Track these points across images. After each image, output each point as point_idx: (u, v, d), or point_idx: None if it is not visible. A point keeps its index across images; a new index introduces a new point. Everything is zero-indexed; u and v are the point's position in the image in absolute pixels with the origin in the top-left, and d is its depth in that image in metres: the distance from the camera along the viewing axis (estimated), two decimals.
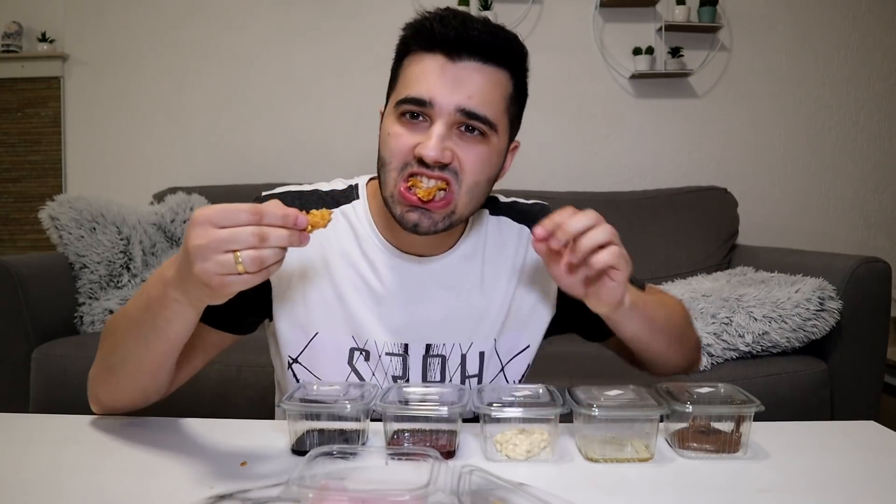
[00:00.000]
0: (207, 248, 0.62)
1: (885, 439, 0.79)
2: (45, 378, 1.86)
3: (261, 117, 2.83)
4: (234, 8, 2.81)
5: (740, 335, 1.74)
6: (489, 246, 0.93)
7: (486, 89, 0.80)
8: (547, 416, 0.71)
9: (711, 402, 0.74)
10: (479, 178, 0.82)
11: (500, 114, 0.83)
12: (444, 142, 0.79)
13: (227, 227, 0.62)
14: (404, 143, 0.80)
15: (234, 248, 0.62)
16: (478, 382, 0.91)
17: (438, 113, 0.79)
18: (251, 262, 0.62)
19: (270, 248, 0.63)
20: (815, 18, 2.82)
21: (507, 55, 0.83)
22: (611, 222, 0.83)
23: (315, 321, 0.89)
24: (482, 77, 0.80)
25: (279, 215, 0.64)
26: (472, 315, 0.91)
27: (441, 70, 0.79)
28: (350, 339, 0.89)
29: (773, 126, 2.85)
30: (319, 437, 0.72)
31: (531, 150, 2.85)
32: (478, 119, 0.80)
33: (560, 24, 2.80)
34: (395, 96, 0.83)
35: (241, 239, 0.62)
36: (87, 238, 2.10)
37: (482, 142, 0.81)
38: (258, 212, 0.63)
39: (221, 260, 0.62)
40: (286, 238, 0.64)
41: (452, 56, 0.79)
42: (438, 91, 0.79)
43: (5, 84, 2.84)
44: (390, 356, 0.89)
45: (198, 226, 0.63)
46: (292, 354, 0.90)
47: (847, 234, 2.87)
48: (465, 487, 0.58)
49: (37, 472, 0.69)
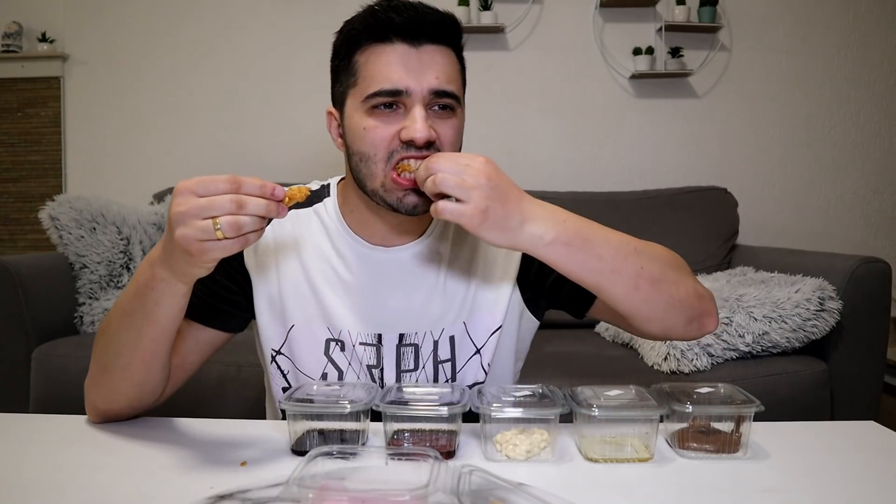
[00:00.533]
0: (187, 215, 0.65)
1: (885, 439, 0.79)
2: (45, 378, 1.86)
3: (261, 117, 2.83)
4: (233, 8, 2.81)
5: (740, 335, 1.74)
6: (454, 232, 0.96)
7: (448, 68, 0.85)
8: (547, 416, 0.71)
9: (711, 402, 0.74)
10: (457, 148, 0.88)
11: (460, 88, 0.89)
12: (427, 121, 0.83)
13: (207, 195, 0.65)
14: (386, 133, 0.83)
15: (214, 215, 0.65)
16: (451, 367, 0.93)
17: (414, 99, 0.82)
18: (229, 228, 0.65)
19: (248, 216, 0.66)
20: (815, 18, 2.82)
21: (454, 35, 0.88)
22: (611, 222, 0.82)
23: (291, 314, 0.92)
24: (442, 57, 0.85)
25: (257, 185, 0.67)
26: (441, 301, 0.93)
27: (406, 58, 0.83)
28: (325, 331, 0.92)
29: (773, 126, 2.85)
30: (319, 438, 0.72)
31: (531, 149, 2.86)
32: (447, 96, 0.84)
33: (560, 24, 2.80)
34: (360, 92, 0.84)
35: (219, 206, 0.65)
36: (87, 238, 2.10)
37: (453, 116, 0.87)
38: (236, 181, 0.66)
39: (201, 225, 0.65)
40: (264, 207, 0.67)
41: (413, 43, 0.83)
42: (410, 78, 0.82)
43: (5, 84, 2.84)
44: (364, 346, 0.92)
45: (179, 195, 0.66)
46: (275, 347, 0.94)
47: (847, 234, 2.87)
48: (465, 487, 0.58)
49: (37, 472, 0.69)
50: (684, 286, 0.84)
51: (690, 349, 1.73)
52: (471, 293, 0.93)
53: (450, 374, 0.93)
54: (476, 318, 0.93)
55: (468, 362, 0.93)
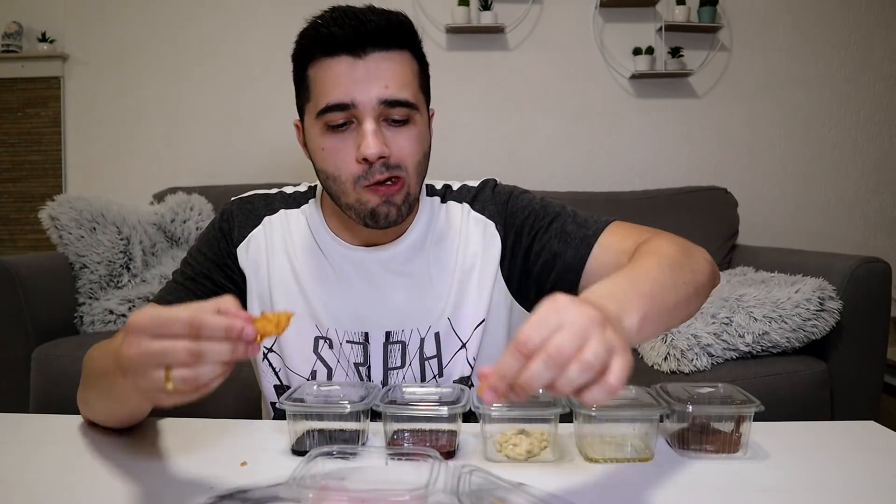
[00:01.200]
0: (138, 361, 0.55)
1: (885, 439, 0.79)
2: (45, 378, 1.86)
3: (261, 117, 2.83)
4: (234, 8, 2.81)
5: (740, 335, 1.74)
6: (438, 230, 0.96)
7: (399, 74, 0.82)
8: (547, 416, 0.71)
9: (711, 402, 0.74)
10: (419, 158, 0.86)
11: (417, 91, 0.85)
12: (379, 136, 0.81)
13: (162, 337, 0.55)
14: (346, 156, 0.82)
15: (167, 364, 0.55)
16: (438, 364, 0.93)
17: (363, 112, 0.81)
18: (182, 382, 0.54)
19: (209, 366, 0.55)
20: (815, 18, 2.82)
21: (404, 36, 0.84)
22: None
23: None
24: (391, 64, 0.82)
25: (221, 327, 0.55)
26: (425, 298, 0.93)
27: (351, 70, 0.80)
28: (314, 328, 0.93)
29: (773, 126, 2.85)
30: (319, 438, 0.72)
31: (531, 150, 2.86)
32: (401, 105, 0.82)
33: (560, 24, 2.80)
34: (313, 108, 0.84)
35: (173, 355, 0.54)
36: (87, 238, 2.10)
37: (410, 125, 0.84)
38: (196, 324, 0.54)
39: (152, 376, 0.55)
40: (227, 353, 0.56)
41: (357, 53, 0.81)
42: (356, 90, 0.80)
43: (5, 84, 2.84)
44: (351, 344, 0.92)
45: (131, 333, 0.55)
46: (266, 345, 0.95)
47: (847, 234, 2.87)
48: (465, 487, 0.58)
49: (37, 472, 0.69)
50: (702, 273, 0.78)
51: (690, 349, 1.73)
52: (454, 289, 0.94)
53: (436, 370, 0.93)
54: (460, 313, 0.94)
55: (454, 357, 0.94)
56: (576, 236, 0.90)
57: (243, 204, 0.98)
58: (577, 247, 0.89)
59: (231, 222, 0.96)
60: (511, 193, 0.98)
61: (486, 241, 0.95)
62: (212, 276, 0.94)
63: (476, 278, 0.94)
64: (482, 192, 0.99)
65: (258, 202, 0.98)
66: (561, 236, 0.91)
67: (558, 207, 0.95)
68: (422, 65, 0.88)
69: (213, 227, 0.98)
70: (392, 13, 0.83)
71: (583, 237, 0.89)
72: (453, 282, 0.94)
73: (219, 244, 0.95)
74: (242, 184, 2.63)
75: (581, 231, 0.90)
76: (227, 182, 2.70)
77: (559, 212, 0.94)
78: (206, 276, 0.94)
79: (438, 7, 2.76)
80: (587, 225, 0.91)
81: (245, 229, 0.96)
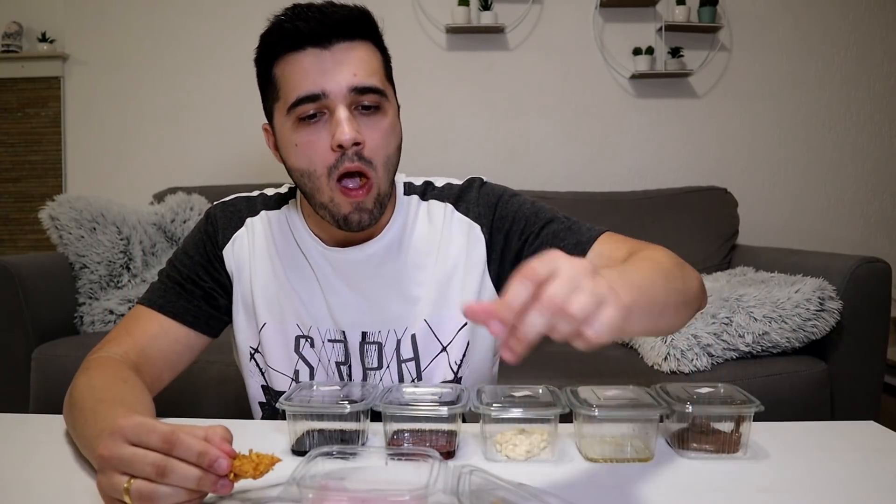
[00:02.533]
0: (107, 463, 0.55)
1: (885, 439, 0.79)
2: (45, 378, 1.86)
3: (261, 117, 2.82)
4: (234, 8, 2.81)
5: (740, 335, 1.74)
6: (417, 230, 0.95)
7: (366, 62, 0.83)
8: (547, 416, 0.71)
9: (711, 402, 0.74)
10: (390, 151, 0.85)
11: (384, 80, 0.86)
12: (353, 123, 0.81)
13: (138, 445, 0.55)
14: (318, 147, 0.82)
15: (131, 473, 0.54)
16: (416, 366, 0.93)
17: (335, 100, 0.81)
18: (138, 496, 0.54)
19: (170, 486, 0.54)
20: (814, 18, 2.82)
21: (367, 27, 0.85)
22: (611, 222, 0.82)
23: (261, 313, 0.94)
24: (357, 53, 0.82)
25: (195, 451, 0.54)
26: (401, 300, 0.93)
27: (319, 61, 0.81)
28: (295, 328, 0.94)
29: (773, 126, 2.85)
30: (319, 438, 0.72)
31: (531, 150, 2.86)
32: (371, 91, 0.82)
33: (560, 24, 2.80)
34: (283, 105, 0.84)
35: (138, 465, 0.54)
36: (87, 238, 2.10)
37: (381, 114, 0.84)
38: (172, 440, 0.54)
39: (114, 481, 0.55)
40: (193, 480, 0.54)
41: (324, 45, 0.81)
42: (326, 80, 0.80)
43: (5, 84, 2.84)
44: (332, 343, 0.93)
45: (110, 435, 0.56)
46: (252, 345, 0.96)
47: (847, 234, 2.87)
48: (465, 487, 0.58)
49: (37, 472, 0.69)
50: (692, 289, 0.78)
51: (690, 349, 1.73)
52: (432, 290, 0.93)
53: (414, 374, 0.93)
54: (440, 316, 0.93)
55: (434, 361, 0.93)
56: (569, 241, 0.88)
57: (226, 207, 0.99)
58: (571, 251, 0.85)
59: (215, 225, 0.96)
60: (501, 196, 0.95)
61: (469, 243, 0.94)
62: (199, 280, 0.94)
63: (458, 281, 0.93)
64: (467, 191, 0.96)
65: (240, 204, 0.99)
66: (553, 242, 0.89)
67: (550, 213, 0.93)
68: (385, 56, 0.88)
69: (198, 230, 0.98)
70: (352, 7, 0.84)
71: (576, 242, 0.88)
72: (432, 283, 0.93)
73: (205, 247, 0.96)
74: (242, 184, 2.63)
75: (574, 237, 0.89)
76: (227, 182, 2.70)
77: (551, 217, 0.92)
78: (194, 280, 0.94)
79: (438, 7, 2.76)
80: (580, 231, 0.90)
81: (229, 231, 0.96)
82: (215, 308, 0.95)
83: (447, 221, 0.95)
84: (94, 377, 0.80)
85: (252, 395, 0.99)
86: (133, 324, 0.91)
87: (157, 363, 0.89)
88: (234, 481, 0.56)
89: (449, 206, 0.95)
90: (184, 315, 0.92)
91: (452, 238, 0.94)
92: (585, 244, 0.88)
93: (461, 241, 0.94)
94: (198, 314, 0.93)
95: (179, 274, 0.95)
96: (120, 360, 0.85)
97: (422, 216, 0.96)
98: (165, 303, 0.92)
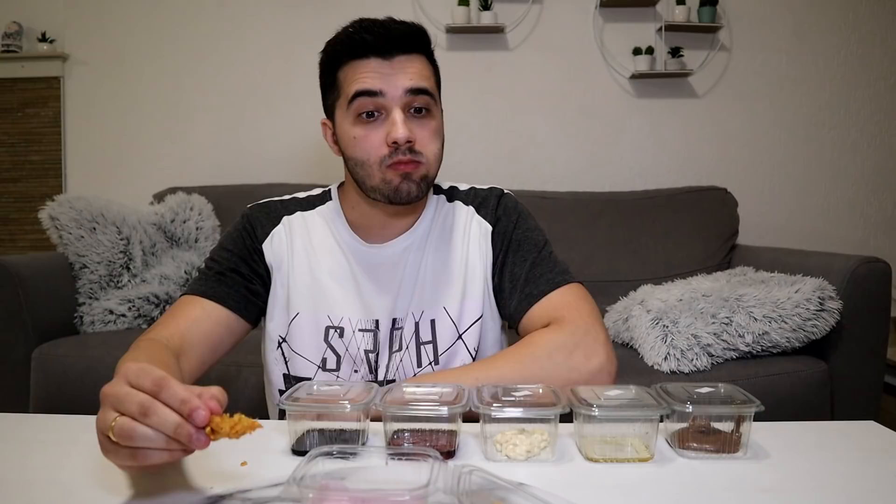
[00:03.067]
0: (105, 399, 0.58)
1: (885, 439, 0.79)
2: (45, 378, 1.86)
3: (261, 117, 2.83)
4: (234, 8, 2.81)
5: (740, 335, 1.74)
6: (443, 227, 1.06)
7: (420, 71, 0.95)
8: (547, 416, 0.71)
9: (711, 402, 0.74)
10: (436, 148, 0.98)
11: (434, 87, 0.99)
12: (406, 124, 0.93)
13: (134, 386, 0.57)
14: (374, 141, 0.94)
15: (120, 410, 0.57)
16: (433, 349, 1.01)
17: (391, 101, 0.93)
18: (119, 432, 0.56)
19: (149, 428, 0.55)
20: (815, 18, 2.82)
21: (422, 43, 0.97)
22: (611, 222, 0.83)
23: (295, 303, 1.02)
24: (412, 63, 0.95)
25: (179, 398, 0.56)
26: (428, 287, 1.02)
27: (380, 68, 0.93)
28: (326, 319, 1.01)
29: (773, 126, 2.85)
30: (319, 437, 0.72)
31: (531, 150, 2.86)
32: (424, 93, 0.95)
33: (560, 24, 2.80)
34: (344, 101, 0.95)
35: (126, 403, 0.56)
36: (87, 238, 2.10)
37: (430, 117, 0.97)
38: (160, 384, 0.56)
39: (106, 415, 0.57)
40: (171, 425, 0.55)
41: (385, 56, 0.93)
42: (385, 83, 0.92)
43: (5, 84, 2.84)
44: (363, 332, 1.01)
45: (117, 374, 0.60)
46: (282, 334, 1.03)
47: (847, 234, 2.87)
48: (465, 487, 0.58)
49: (37, 472, 0.69)
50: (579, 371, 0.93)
51: (690, 349, 1.73)
52: (453, 280, 1.03)
53: (432, 357, 1.00)
54: (459, 307, 1.02)
55: (453, 346, 1.01)
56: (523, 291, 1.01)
57: (262, 207, 1.08)
58: (520, 302, 1.01)
59: (253, 223, 1.05)
60: (519, 216, 1.07)
61: (485, 244, 1.05)
62: (239, 270, 1.02)
63: (476, 276, 1.04)
64: (488, 199, 1.08)
65: (275, 206, 1.08)
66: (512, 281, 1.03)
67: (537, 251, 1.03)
68: (435, 69, 1.01)
69: (235, 229, 1.06)
70: (411, 24, 0.96)
71: (527, 294, 1.00)
72: (456, 276, 1.03)
73: (244, 241, 1.04)
74: (242, 184, 2.63)
75: (528, 288, 1.00)
76: (227, 182, 2.70)
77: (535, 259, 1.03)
78: (234, 269, 1.01)
79: (438, 7, 2.76)
80: (539, 281, 1.01)
81: (267, 228, 1.05)
82: (254, 294, 1.02)
83: (468, 221, 1.06)
84: (139, 356, 0.84)
85: (273, 383, 1.05)
86: (178, 310, 0.98)
87: (200, 345, 0.95)
88: (212, 438, 0.56)
89: (471, 209, 1.08)
90: (225, 299, 0.99)
91: (472, 237, 1.05)
92: (534, 298, 1.00)
93: (479, 241, 1.05)
94: (238, 298, 1.00)
95: (219, 265, 1.02)
96: (164, 344, 0.90)
97: (449, 215, 1.07)
98: (208, 289, 0.99)
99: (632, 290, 2.19)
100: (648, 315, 1.88)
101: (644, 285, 2.19)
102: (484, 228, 1.05)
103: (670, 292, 1.97)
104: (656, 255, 2.43)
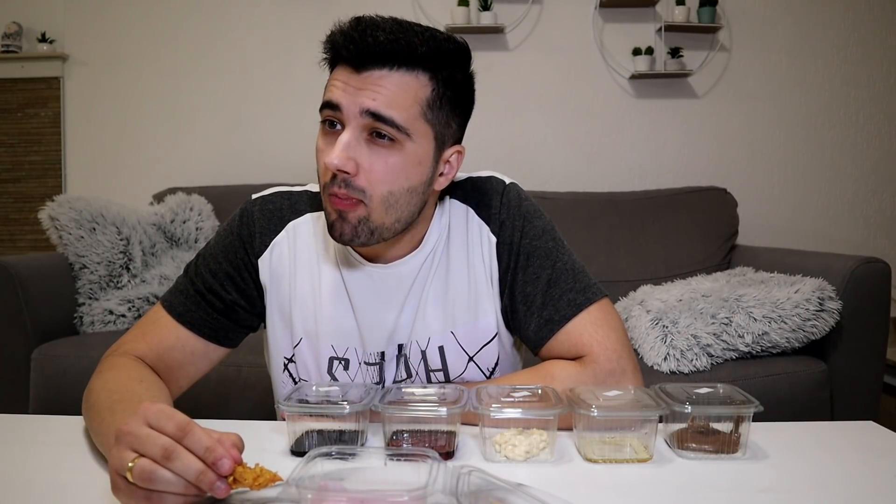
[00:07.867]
0: (122, 438, 0.56)
1: (884, 439, 0.79)
2: (45, 378, 1.86)
3: (261, 117, 2.83)
4: (233, 8, 2.82)
5: (740, 335, 1.74)
6: (448, 241, 0.92)
7: (395, 94, 0.78)
8: (546, 417, 0.71)
9: (710, 402, 0.74)
10: (394, 188, 0.80)
11: (415, 118, 0.80)
12: (349, 150, 0.78)
13: (154, 427, 0.56)
14: (323, 160, 0.80)
15: (139, 451, 0.55)
16: (444, 377, 0.92)
17: (346, 117, 0.78)
18: (139, 473, 0.54)
19: (171, 472, 0.54)
20: (814, 18, 2.82)
21: (418, 57, 0.79)
22: (611, 222, 0.83)
23: (298, 328, 0.92)
24: (389, 82, 0.78)
25: (204, 445, 0.55)
26: (438, 311, 0.91)
27: (347, 79, 0.79)
28: (330, 349, 0.92)
29: (772, 126, 2.85)
30: (318, 438, 0.72)
31: (531, 149, 2.86)
32: (385, 122, 0.78)
33: (560, 24, 2.80)
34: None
35: (148, 445, 0.55)
36: (86, 238, 2.10)
37: (393, 148, 0.79)
38: (185, 429, 0.56)
39: (123, 455, 0.56)
40: (194, 472, 0.54)
41: (357, 67, 0.79)
42: (344, 96, 0.78)
43: (5, 84, 2.84)
44: (368, 365, 0.92)
45: (133, 415, 0.58)
46: (287, 355, 0.94)
47: (847, 234, 2.87)
48: (464, 488, 0.58)
49: (37, 472, 0.69)
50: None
51: (690, 349, 1.73)
52: (461, 303, 0.91)
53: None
54: (467, 329, 0.91)
55: (465, 371, 0.92)
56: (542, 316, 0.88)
57: (265, 205, 0.94)
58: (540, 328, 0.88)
59: (252, 227, 0.92)
60: (524, 219, 0.92)
61: (489, 257, 0.92)
62: (223, 292, 0.91)
63: (483, 292, 0.91)
64: (488, 196, 0.93)
65: (281, 202, 0.94)
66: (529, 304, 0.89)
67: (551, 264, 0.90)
68: (445, 90, 0.82)
69: (231, 232, 0.93)
70: (417, 33, 0.79)
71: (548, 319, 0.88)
72: (461, 297, 0.91)
73: (237, 254, 0.92)
74: (242, 184, 2.63)
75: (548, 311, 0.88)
76: (227, 182, 2.70)
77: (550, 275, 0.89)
78: (216, 292, 0.91)
79: (438, 7, 2.76)
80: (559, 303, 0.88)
81: (267, 236, 0.92)
82: (234, 321, 0.93)
83: (471, 229, 0.92)
84: (109, 379, 0.80)
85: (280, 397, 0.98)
86: (151, 329, 0.90)
87: (174, 371, 0.90)
88: (233, 487, 0.56)
89: (470, 211, 0.93)
90: (201, 327, 0.90)
91: (474, 249, 0.92)
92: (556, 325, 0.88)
93: (485, 251, 0.92)
94: (216, 327, 0.91)
95: (203, 283, 0.91)
96: (135, 361, 0.86)
97: (447, 221, 0.93)
98: (185, 311, 0.90)
99: (631, 290, 2.19)
100: (648, 315, 1.88)
101: (644, 285, 2.19)
102: (486, 237, 0.91)
103: (670, 292, 1.97)
104: (656, 255, 2.43)
